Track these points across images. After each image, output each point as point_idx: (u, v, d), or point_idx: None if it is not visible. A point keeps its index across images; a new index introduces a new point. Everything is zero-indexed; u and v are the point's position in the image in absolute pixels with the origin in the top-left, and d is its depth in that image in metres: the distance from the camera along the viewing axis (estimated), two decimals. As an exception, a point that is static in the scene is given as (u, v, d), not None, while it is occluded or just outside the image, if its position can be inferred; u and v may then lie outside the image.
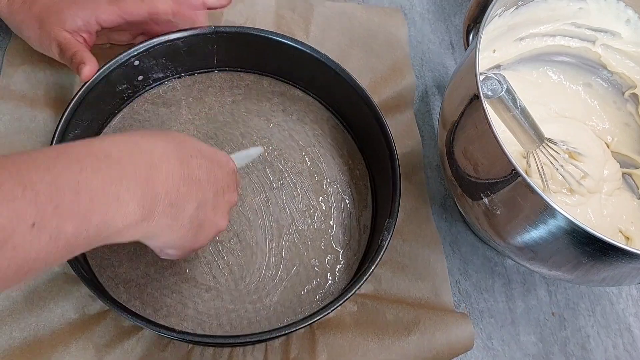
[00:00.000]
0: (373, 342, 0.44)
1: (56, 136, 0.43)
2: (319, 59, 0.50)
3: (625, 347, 0.51)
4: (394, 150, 0.47)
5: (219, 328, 0.44)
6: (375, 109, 0.48)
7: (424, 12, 0.64)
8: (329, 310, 0.41)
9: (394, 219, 0.44)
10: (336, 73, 0.49)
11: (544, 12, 0.51)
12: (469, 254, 0.52)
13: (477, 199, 0.42)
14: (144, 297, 0.44)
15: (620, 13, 0.51)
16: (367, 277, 0.42)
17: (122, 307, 0.39)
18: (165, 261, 0.45)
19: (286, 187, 0.50)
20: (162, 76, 0.51)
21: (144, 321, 0.39)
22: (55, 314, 0.43)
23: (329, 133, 0.53)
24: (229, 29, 0.49)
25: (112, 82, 0.47)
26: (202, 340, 0.41)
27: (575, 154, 0.50)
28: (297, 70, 0.52)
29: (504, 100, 0.40)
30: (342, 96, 0.51)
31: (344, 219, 0.49)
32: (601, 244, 0.36)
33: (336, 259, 0.48)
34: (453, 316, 0.46)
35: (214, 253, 0.46)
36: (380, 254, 0.43)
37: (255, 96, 0.53)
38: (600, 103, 0.56)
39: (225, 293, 0.45)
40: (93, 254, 0.45)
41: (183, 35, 0.48)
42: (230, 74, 0.54)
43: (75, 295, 0.44)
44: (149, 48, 0.47)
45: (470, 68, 0.40)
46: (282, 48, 0.50)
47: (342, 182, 0.51)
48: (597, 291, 0.53)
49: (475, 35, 0.46)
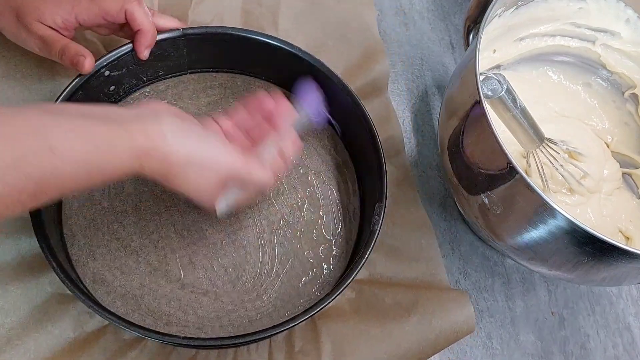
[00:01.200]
0: (375, 328, 0.44)
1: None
2: (291, 52, 0.49)
3: (625, 346, 0.52)
4: (375, 135, 0.47)
5: (221, 330, 0.44)
6: (353, 96, 0.48)
7: (423, 12, 0.64)
8: (328, 300, 0.41)
9: (383, 202, 0.45)
10: (310, 64, 0.49)
11: (544, 12, 0.51)
12: (469, 253, 0.52)
13: (477, 198, 0.43)
14: (142, 308, 0.44)
15: (620, 13, 0.51)
16: (364, 263, 0.42)
17: (122, 320, 0.39)
18: (160, 270, 0.45)
19: (272, 183, 0.50)
20: (134, 83, 0.50)
21: (145, 331, 0.39)
22: (54, 335, 0.42)
23: (308, 125, 0.53)
24: (198, 31, 0.49)
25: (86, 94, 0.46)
26: (204, 344, 0.41)
27: (575, 153, 0.50)
28: (270, 65, 0.52)
29: (504, 100, 0.40)
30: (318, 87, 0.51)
31: (333, 208, 0.50)
32: (601, 243, 0.36)
33: (329, 248, 0.48)
34: (451, 293, 0.46)
35: (207, 256, 0.46)
36: (374, 239, 0.43)
37: (230, 95, 0.53)
38: (599, 102, 0.56)
39: (224, 295, 0.45)
40: (86, 271, 0.44)
41: (152, 41, 0.47)
42: (203, 75, 0.53)
43: (71, 314, 0.43)
44: (119, 57, 0.46)
45: (470, 68, 0.40)
46: (253, 44, 0.50)
47: (327, 172, 0.51)
48: (597, 291, 0.53)
49: (475, 35, 0.46)
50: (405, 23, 0.63)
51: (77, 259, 0.45)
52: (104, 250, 0.45)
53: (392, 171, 0.52)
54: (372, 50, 0.57)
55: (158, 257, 0.45)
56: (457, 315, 0.45)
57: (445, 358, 0.48)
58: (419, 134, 0.57)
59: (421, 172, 0.55)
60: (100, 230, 0.46)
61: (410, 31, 0.62)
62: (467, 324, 0.45)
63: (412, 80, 0.60)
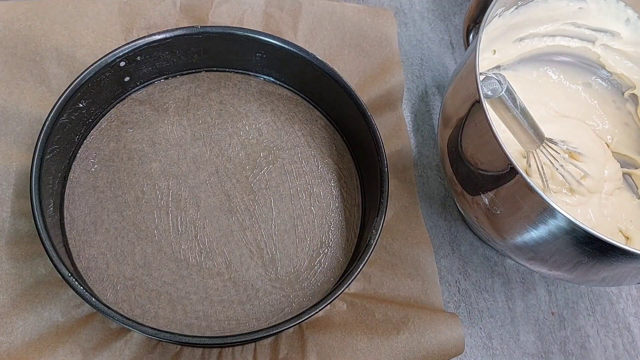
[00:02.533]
0: (362, 342, 0.44)
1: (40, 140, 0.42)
2: (306, 59, 0.49)
3: (625, 346, 0.51)
4: (381, 147, 0.46)
5: (208, 329, 0.44)
6: (362, 107, 0.48)
7: (423, 12, 0.64)
8: (317, 309, 0.41)
9: (381, 217, 0.44)
10: (324, 72, 0.49)
11: (544, 12, 0.51)
12: (469, 253, 0.52)
13: (477, 198, 0.43)
14: (132, 299, 0.44)
15: (620, 13, 0.51)
16: (355, 275, 0.42)
17: (109, 310, 0.39)
18: (154, 263, 0.45)
19: (274, 188, 0.49)
20: (149, 77, 0.51)
21: (132, 323, 0.39)
22: (42, 317, 0.43)
23: (318, 133, 0.53)
24: (216, 30, 0.49)
25: (99, 83, 0.47)
26: (190, 342, 0.41)
27: (576, 154, 0.50)
28: (285, 70, 0.52)
29: (504, 100, 0.40)
30: (330, 95, 0.51)
31: (334, 218, 0.49)
32: (601, 243, 0.36)
33: (326, 257, 0.48)
34: (442, 315, 0.46)
35: (200, 256, 0.46)
36: (369, 253, 0.43)
37: (243, 96, 0.53)
38: (600, 102, 0.56)
39: (214, 295, 0.45)
40: (81, 257, 0.45)
41: (170, 36, 0.48)
42: (218, 74, 0.54)
43: (62, 298, 0.44)
44: (135, 49, 0.47)
45: (470, 68, 0.40)
46: (270, 48, 0.50)
47: (332, 182, 0.51)
48: (597, 291, 0.53)
49: (475, 35, 0.46)
50: (405, 23, 0.62)
51: (73, 244, 0.45)
52: (100, 238, 0.45)
53: (396, 186, 0.52)
54: (389, 63, 0.57)
55: (153, 251, 0.46)
56: (447, 336, 0.44)
57: (444, 358, 0.48)
58: (418, 134, 0.57)
59: (421, 172, 0.55)
60: (100, 217, 0.46)
61: (410, 31, 0.62)
62: (456, 347, 0.44)
63: (412, 81, 0.59)
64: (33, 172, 0.42)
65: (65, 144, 0.46)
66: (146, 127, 0.50)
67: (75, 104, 0.45)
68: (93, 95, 0.47)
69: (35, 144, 0.42)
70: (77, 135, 0.48)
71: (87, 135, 0.49)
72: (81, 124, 0.48)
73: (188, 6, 0.55)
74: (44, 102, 0.49)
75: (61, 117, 0.44)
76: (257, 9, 0.57)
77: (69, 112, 0.45)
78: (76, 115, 0.46)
